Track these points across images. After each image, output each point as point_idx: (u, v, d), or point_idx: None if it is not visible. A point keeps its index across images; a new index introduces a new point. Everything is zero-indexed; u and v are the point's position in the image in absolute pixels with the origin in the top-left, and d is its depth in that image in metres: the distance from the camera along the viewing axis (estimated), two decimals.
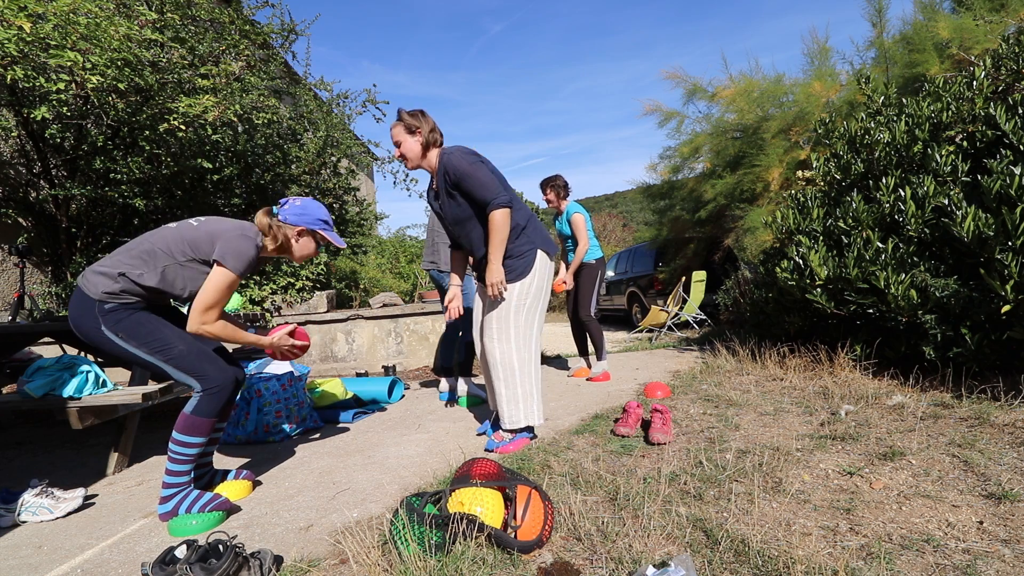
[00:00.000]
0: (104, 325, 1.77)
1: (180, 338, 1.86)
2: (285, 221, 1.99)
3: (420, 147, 2.32)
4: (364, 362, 5.25)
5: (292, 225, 1.99)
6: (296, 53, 6.97)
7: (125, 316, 1.79)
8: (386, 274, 9.18)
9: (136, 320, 1.80)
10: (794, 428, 2.33)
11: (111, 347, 1.80)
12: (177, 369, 1.83)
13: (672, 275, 7.86)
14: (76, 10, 3.20)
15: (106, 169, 4.38)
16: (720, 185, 6.84)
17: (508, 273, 2.32)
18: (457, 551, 1.38)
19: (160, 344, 1.82)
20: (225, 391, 1.88)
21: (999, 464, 1.73)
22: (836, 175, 3.66)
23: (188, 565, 1.27)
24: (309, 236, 2.04)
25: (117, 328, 1.78)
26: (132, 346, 1.80)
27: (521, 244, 2.34)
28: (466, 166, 2.21)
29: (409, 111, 2.33)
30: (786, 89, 6.83)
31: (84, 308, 1.78)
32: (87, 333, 1.79)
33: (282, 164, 5.60)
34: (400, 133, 2.32)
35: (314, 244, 2.07)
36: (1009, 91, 3.15)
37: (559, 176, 3.97)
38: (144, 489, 2.22)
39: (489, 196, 2.20)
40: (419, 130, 2.30)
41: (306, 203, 2.03)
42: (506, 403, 2.35)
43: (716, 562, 1.29)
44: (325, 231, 2.05)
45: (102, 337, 1.79)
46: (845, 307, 3.17)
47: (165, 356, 1.82)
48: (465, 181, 2.22)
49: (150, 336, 1.81)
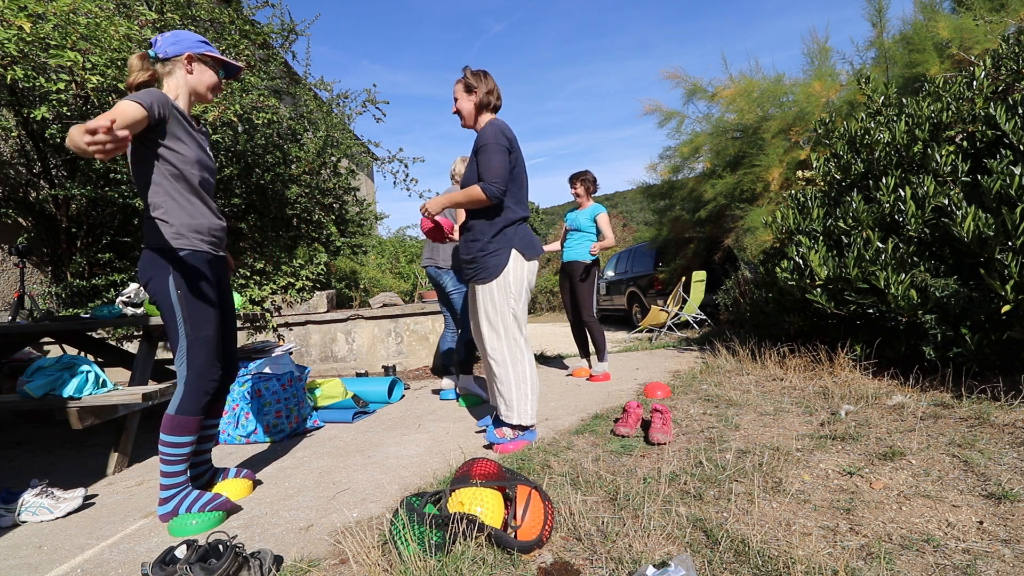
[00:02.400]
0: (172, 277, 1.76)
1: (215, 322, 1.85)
2: (167, 56, 1.83)
3: (474, 107, 2.37)
4: (364, 362, 5.25)
5: (175, 57, 1.83)
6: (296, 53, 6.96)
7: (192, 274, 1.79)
8: (386, 274, 9.19)
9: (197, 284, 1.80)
10: (794, 428, 2.33)
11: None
12: (189, 350, 1.80)
13: (672, 275, 7.86)
14: (76, 10, 3.20)
15: (106, 169, 4.38)
16: (720, 185, 6.84)
17: (481, 271, 2.36)
18: (457, 551, 1.38)
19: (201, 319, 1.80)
20: (207, 391, 1.84)
21: (999, 464, 1.73)
22: (836, 175, 3.66)
23: (188, 565, 1.27)
24: (199, 63, 1.88)
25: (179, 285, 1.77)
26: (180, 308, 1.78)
27: (496, 243, 2.34)
28: (491, 141, 2.26)
29: (474, 70, 2.38)
30: (786, 89, 6.83)
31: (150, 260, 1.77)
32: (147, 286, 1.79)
33: (282, 164, 5.59)
34: (459, 91, 2.38)
35: (210, 71, 1.91)
36: (1009, 91, 3.14)
37: (589, 172, 4.07)
38: (144, 489, 2.22)
39: (486, 176, 2.25)
40: (476, 90, 2.35)
41: (175, 32, 1.89)
42: (501, 398, 2.38)
43: (716, 562, 1.29)
44: (212, 51, 1.91)
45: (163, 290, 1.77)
46: (845, 307, 3.17)
47: (196, 332, 1.80)
48: (481, 152, 2.28)
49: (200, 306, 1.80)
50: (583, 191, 4.02)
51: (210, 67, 1.91)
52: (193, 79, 1.88)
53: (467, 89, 2.37)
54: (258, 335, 5.05)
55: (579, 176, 4.03)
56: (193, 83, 1.89)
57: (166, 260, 1.76)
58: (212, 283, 1.87)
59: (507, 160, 2.29)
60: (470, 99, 2.37)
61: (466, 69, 2.38)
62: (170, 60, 1.84)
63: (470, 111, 2.39)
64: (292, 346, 3.46)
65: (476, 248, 2.37)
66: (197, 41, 1.88)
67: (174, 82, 1.86)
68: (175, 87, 1.86)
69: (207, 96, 1.94)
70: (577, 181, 4.03)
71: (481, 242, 2.36)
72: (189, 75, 1.87)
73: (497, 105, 2.42)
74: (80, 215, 4.72)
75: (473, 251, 2.39)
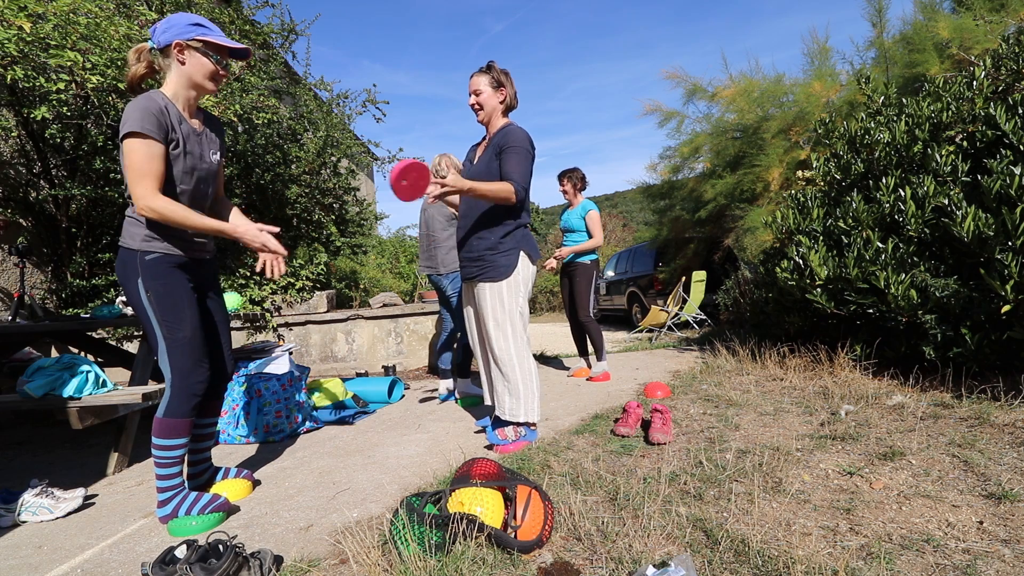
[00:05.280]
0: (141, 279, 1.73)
1: (192, 323, 1.80)
2: (160, 46, 1.70)
3: (499, 105, 2.42)
4: (364, 362, 5.25)
5: (165, 45, 1.70)
6: (296, 53, 6.96)
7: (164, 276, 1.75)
8: (386, 274, 9.19)
9: (170, 287, 1.76)
10: (794, 428, 2.33)
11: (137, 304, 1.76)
12: (169, 353, 1.76)
13: (672, 275, 7.86)
14: (76, 10, 3.20)
15: (106, 169, 4.38)
16: (720, 185, 6.84)
17: (490, 270, 2.36)
18: (457, 551, 1.38)
19: (175, 320, 1.75)
20: (194, 393, 1.80)
21: (999, 464, 1.73)
22: (836, 175, 3.66)
23: (188, 565, 1.26)
24: (191, 50, 1.71)
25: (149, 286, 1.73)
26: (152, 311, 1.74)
27: (507, 243, 2.37)
28: (523, 145, 2.32)
29: (501, 68, 2.43)
30: (786, 89, 6.83)
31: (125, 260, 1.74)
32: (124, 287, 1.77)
33: (282, 164, 5.59)
34: (484, 84, 2.40)
35: (205, 58, 1.74)
36: (1009, 91, 3.14)
37: (578, 169, 4.08)
38: (144, 489, 2.22)
39: (514, 175, 2.29)
40: (504, 89, 2.41)
41: (168, 18, 1.73)
42: (508, 396, 2.36)
43: (716, 562, 1.29)
44: (205, 34, 1.72)
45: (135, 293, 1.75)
46: (845, 307, 3.17)
47: (171, 335, 1.75)
48: (512, 152, 2.31)
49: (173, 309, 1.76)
50: (571, 188, 4.03)
51: (202, 53, 1.73)
52: (187, 69, 1.73)
53: (495, 85, 2.40)
54: (258, 335, 5.05)
55: (566, 173, 4.05)
56: (188, 73, 1.73)
57: (136, 262, 1.72)
58: (185, 286, 1.80)
59: (531, 166, 2.37)
60: (497, 96, 2.41)
61: (492, 63, 2.42)
62: (164, 50, 1.71)
63: (494, 106, 2.42)
64: (292, 346, 3.46)
65: (484, 246, 2.37)
66: (187, 25, 1.71)
67: (172, 76, 1.74)
68: (174, 82, 1.74)
69: (207, 86, 1.77)
70: (564, 178, 4.05)
71: (490, 240, 2.36)
72: (181, 66, 1.72)
73: (516, 106, 2.50)
74: (80, 215, 4.72)
75: (480, 249, 2.38)
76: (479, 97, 2.40)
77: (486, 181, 2.32)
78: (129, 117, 1.61)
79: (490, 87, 2.40)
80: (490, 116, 2.44)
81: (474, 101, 2.43)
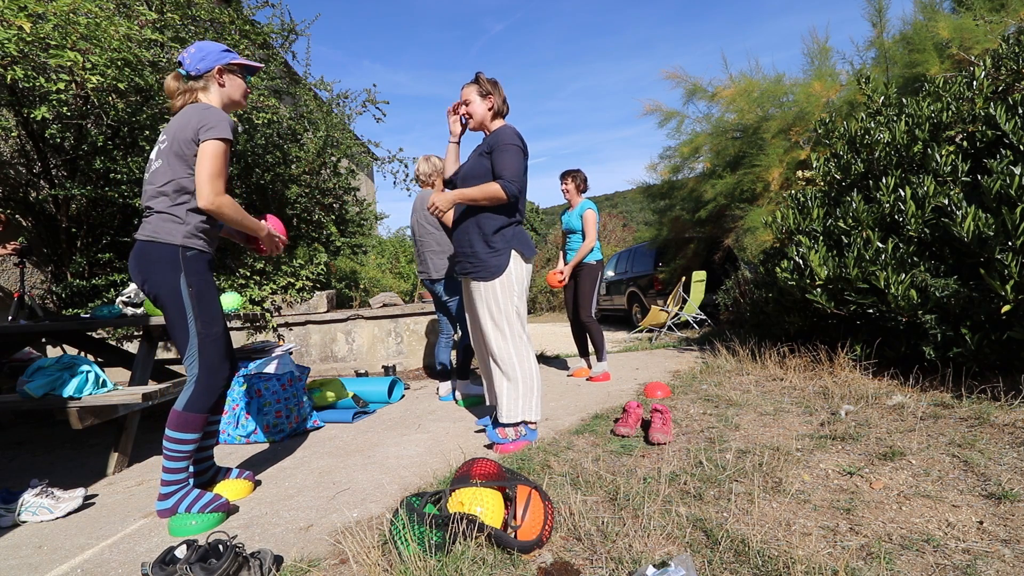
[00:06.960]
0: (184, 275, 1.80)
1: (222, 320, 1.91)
2: (199, 73, 1.90)
3: (488, 112, 2.48)
4: (364, 362, 5.25)
5: (207, 72, 1.91)
6: (296, 53, 6.96)
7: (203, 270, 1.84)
8: (386, 274, 9.20)
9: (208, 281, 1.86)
10: (794, 428, 2.33)
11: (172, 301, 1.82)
12: (201, 348, 1.84)
13: (672, 275, 7.85)
14: (76, 10, 3.20)
15: (106, 169, 4.37)
16: (720, 185, 6.83)
17: (481, 269, 2.38)
18: (457, 551, 1.38)
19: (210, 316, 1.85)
20: (218, 389, 1.90)
21: (999, 464, 1.73)
22: (836, 175, 3.66)
23: (188, 565, 1.27)
24: (228, 74, 1.96)
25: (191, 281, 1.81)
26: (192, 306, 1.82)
27: (498, 242, 2.39)
28: (510, 142, 2.36)
29: (488, 78, 2.50)
30: (786, 89, 6.83)
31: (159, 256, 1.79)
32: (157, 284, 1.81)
33: (282, 164, 5.59)
34: (472, 93, 2.48)
35: (238, 79, 2.00)
36: (1009, 91, 3.14)
37: (580, 170, 4.09)
38: (144, 489, 2.22)
39: (505, 174, 2.32)
40: (491, 96, 2.47)
41: (198, 46, 1.93)
42: (506, 397, 2.37)
43: (716, 562, 1.29)
44: (235, 58, 1.97)
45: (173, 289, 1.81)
46: (845, 307, 3.17)
47: (207, 330, 1.84)
48: (501, 150, 2.34)
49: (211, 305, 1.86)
50: (572, 187, 4.04)
51: (238, 75, 2.00)
52: (227, 91, 1.97)
53: (483, 94, 2.47)
54: (258, 335, 5.05)
55: (570, 173, 4.06)
56: (228, 93, 1.97)
57: (178, 258, 1.79)
58: (214, 282, 1.91)
59: (523, 162, 2.39)
60: (485, 104, 2.48)
61: (479, 74, 2.49)
62: (202, 76, 1.91)
63: (484, 115, 2.49)
64: (292, 346, 3.46)
65: (475, 244, 2.39)
66: (221, 51, 1.95)
67: (212, 97, 1.94)
68: (215, 101, 1.94)
69: (242, 103, 2.04)
70: (568, 177, 4.06)
71: (480, 239, 2.38)
72: (222, 88, 1.95)
73: (506, 112, 2.54)
74: (80, 215, 4.72)
75: (471, 247, 2.40)
76: (468, 107, 2.48)
77: (474, 179, 2.38)
78: (218, 123, 1.79)
79: (478, 96, 2.47)
80: (480, 123, 2.51)
81: (464, 111, 2.51)
